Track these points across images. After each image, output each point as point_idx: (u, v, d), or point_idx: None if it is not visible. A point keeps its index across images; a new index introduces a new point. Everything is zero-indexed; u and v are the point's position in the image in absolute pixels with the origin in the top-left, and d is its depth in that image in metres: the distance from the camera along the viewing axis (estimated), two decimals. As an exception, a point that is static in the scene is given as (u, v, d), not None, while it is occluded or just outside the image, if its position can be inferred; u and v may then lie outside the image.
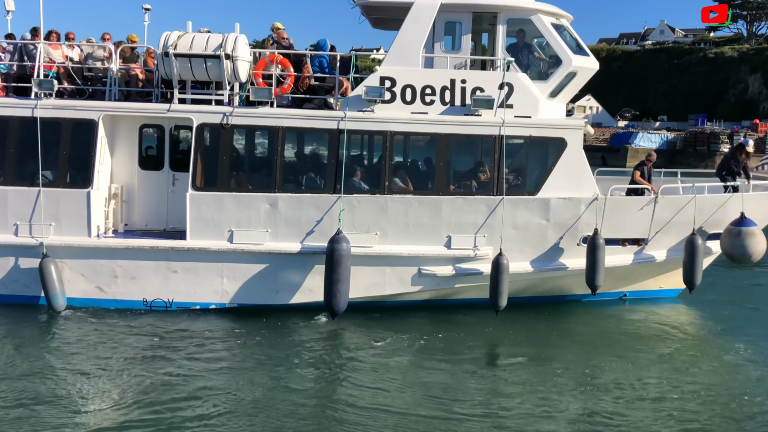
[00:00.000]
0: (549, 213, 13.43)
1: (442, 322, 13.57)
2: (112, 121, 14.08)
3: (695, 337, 13.69)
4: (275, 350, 11.90)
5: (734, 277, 19.18)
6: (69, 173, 13.70)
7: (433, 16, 13.81)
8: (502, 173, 13.34)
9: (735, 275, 19.45)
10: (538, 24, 14.49)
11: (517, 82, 13.69)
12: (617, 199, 13.70)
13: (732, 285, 18.30)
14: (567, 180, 13.40)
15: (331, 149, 13.43)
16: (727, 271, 19.53)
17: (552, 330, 13.43)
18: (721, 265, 19.43)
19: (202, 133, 13.57)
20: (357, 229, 13.33)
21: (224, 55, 13.26)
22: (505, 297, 13.16)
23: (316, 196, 13.36)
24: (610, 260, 13.65)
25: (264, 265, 13.50)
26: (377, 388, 10.49)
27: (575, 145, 13.49)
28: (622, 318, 14.73)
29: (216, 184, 13.46)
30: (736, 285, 18.34)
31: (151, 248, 13.46)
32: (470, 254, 13.42)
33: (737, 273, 19.74)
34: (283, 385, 10.50)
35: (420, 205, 13.32)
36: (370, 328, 13.16)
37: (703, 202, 13.93)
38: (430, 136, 13.57)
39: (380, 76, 13.61)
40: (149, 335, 12.44)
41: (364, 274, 13.44)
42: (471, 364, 11.62)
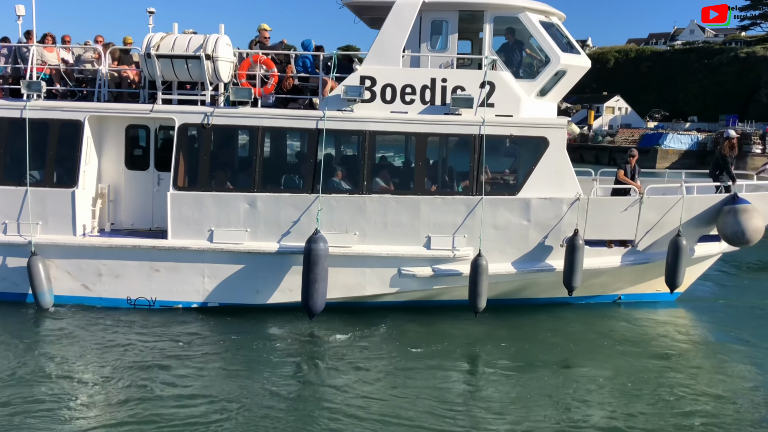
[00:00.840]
0: (530, 213, 13.02)
1: (424, 324, 13.27)
2: (99, 122, 14.13)
3: (690, 342, 13.11)
4: (253, 351, 11.74)
5: (736, 279, 18.48)
6: (56, 173, 13.80)
7: (414, 16, 13.54)
8: (482, 173, 12.98)
9: (736, 277, 18.73)
10: (525, 22, 14.11)
11: (498, 80, 13.33)
12: (601, 200, 13.22)
13: (733, 287, 17.64)
14: (549, 180, 12.98)
15: (310, 149, 13.26)
16: (728, 274, 18.83)
17: (541, 333, 13.02)
18: (721, 268, 18.77)
19: (184, 134, 13.53)
20: (336, 229, 13.13)
21: (204, 56, 13.22)
22: (484, 298, 12.80)
23: (294, 196, 13.20)
24: (596, 262, 13.17)
25: (244, 265, 13.38)
26: (356, 391, 10.26)
27: (558, 144, 13.06)
28: (614, 321, 14.22)
29: (196, 184, 13.40)
30: (737, 287, 17.66)
31: (134, 247, 13.46)
32: (450, 255, 13.09)
33: (738, 275, 19.01)
34: (260, 386, 10.32)
35: (398, 204, 13.05)
36: (351, 330, 12.91)
37: (692, 202, 13.34)
38: (409, 136, 13.29)
39: (360, 76, 13.39)
40: (129, 334, 12.39)
41: (343, 274, 13.22)
42: (453, 368, 11.29)
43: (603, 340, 12.84)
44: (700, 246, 13.87)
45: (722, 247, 14.14)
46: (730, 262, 19.78)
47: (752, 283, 18.36)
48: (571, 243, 12.94)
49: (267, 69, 13.90)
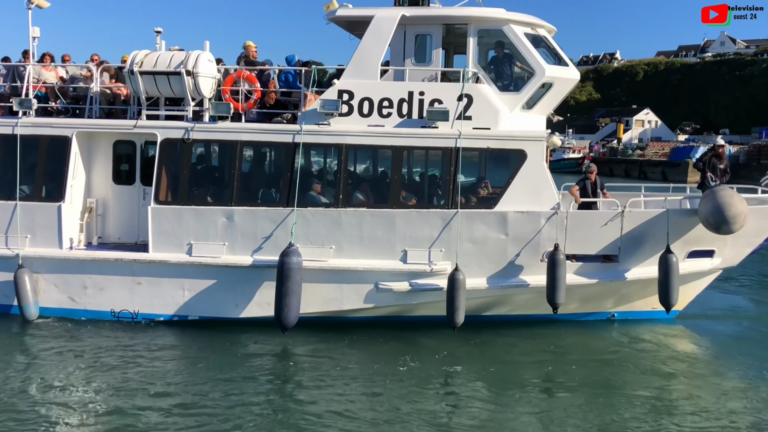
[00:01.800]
0: (507, 227, 12.54)
1: (401, 340, 12.87)
2: (89, 138, 14.21)
3: (685, 361, 12.39)
4: (224, 366, 11.50)
5: (738, 295, 17.55)
6: (44, 187, 13.92)
7: (392, 29, 13.30)
8: (458, 186, 12.58)
9: (739, 294, 17.80)
10: (509, 34, 13.74)
11: (476, 93, 12.96)
12: (580, 213, 12.65)
13: (736, 303, 16.74)
14: (526, 193, 12.49)
15: (287, 163, 13.07)
16: (730, 291, 17.92)
17: (524, 351, 12.50)
18: (722, 284, 17.90)
19: (165, 148, 13.51)
20: (312, 242, 12.88)
21: (185, 72, 13.21)
22: (462, 313, 12.35)
23: (270, 210, 13.00)
24: (572, 278, 12.60)
25: (222, 279, 13.22)
26: (325, 408, 9.97)
27: (536, 157, 12.58)
28: (603, 339, 13.59)
29: (176, 198, 13.34)
30: (740, 303, 16.75)
31: (116, 260, 13.44)
32: (427, 269, 12.69)
33: (740, 291, 18.07)
34: (232, 401, 10.13)
35: (374, 218, 12.73)
36: (326, 345, 12.62)
37: (677, 216, 12.67)
38: (385, 149, 13.00)
39: (338, 90, 13.18)
40: (108, 346, 12.32)
41: (320, 288, 12.94)
42: (429, 385, 10.89)
43: (588, 359, 12.25)
44: (690, 261, 13.14)
45: (716, 262, 13.38)
46: (732, 279, 18.88)
47: (756, 299, 17.41)
48: (552, 258, 12.40)
49: (250, 84, 13.84)
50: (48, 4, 15.27)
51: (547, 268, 12.37)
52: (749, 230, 13.00)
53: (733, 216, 12.01)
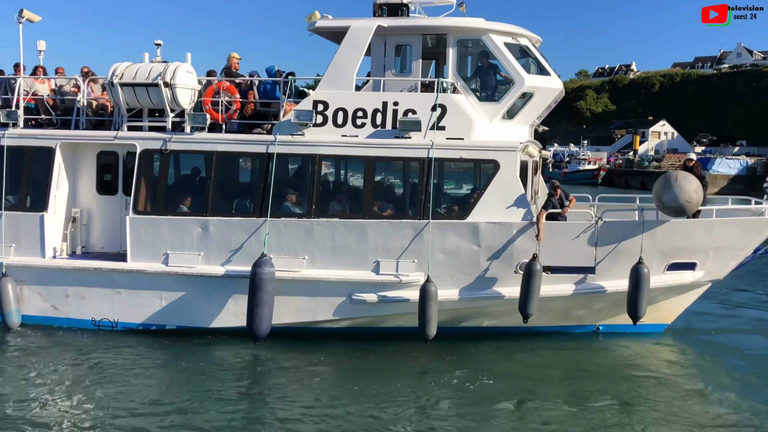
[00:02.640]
0: (479, 238, 12.11)
1: (373, 351, 12.50)
2: (74, 149, 14.16)
3: (658, 376, 11.80)
4: (195, 375, 11.32)
5: (730, 309, 16.81)
6: (29, 197, 13.88)
7: (367, 40, 13.04)
8: (429, 196, 12.21)
9: (730, 307, 17.05)
10: (489, 44, 13.40)
11: (450, 103, 12.61)
12: (554, 224, 12.17)
13: (727, 317, 16.02)
14: (499, 204, 12.06)
15: (261, 173, 12.85)
16: (721, 304, 17.19)
17: (500, 363, 12.03)
18: (715, 297, 17.20)
19: (144, 159, 13.38)
20: (285, 253, 12.60)
21: (163, 83, 13.10)
22: (434, 325, 11.93)
23: (244, 220, 12.77)
24: (550, 290, 12.11)
25: (198, 289, 13.00)
26: (294, 418, 9.72)
27: (509, 167, 12.15)
28: (583, 352, 13.03)
29: (153, 208, 13.20)
30: (731, 317, 16.03)
31: (95, 270, 13.32)
32: (399, 280, 12.31)
33: (732, 304, 17.31)
34: (200, 413, 9.91)
35: (346, 228, 12.41)
36: (297, 355, 12.31)
37: (654, 227, 12.11)
38: (358, 159, 12.70)
39: (314, 100, 12.94)
40: (83, 355, 12.20)
41: (294, 298, 12.65)
42: (401, 396, 10.55)
43: (567, 373, 11.69)
44: (670, 274, 12.55)
45: (698, 275, 12.76)
46: (723, 293, 18.15)
47: (747, 313, 16.65)
48: (528, 268, 11.91)
49: (230, 95, 13.68)
50: (39, 18, 15.30)
51: (522, 277, 11.89)
52: (733, 243, 12.41)
53: (686, 196, 11.52)
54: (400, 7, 13.88)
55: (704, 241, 12.24)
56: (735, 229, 12.23)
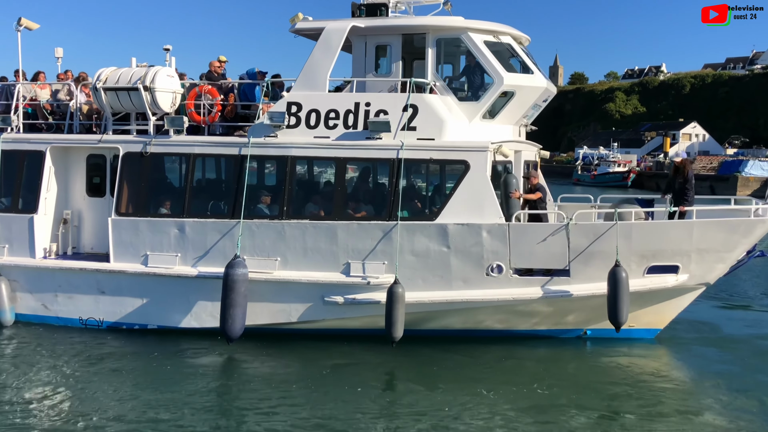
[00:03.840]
0: (448, 240, 11.48)
1: (344, 354, 12.00)
2: (65, 153, 14.14)
3: (644, 384, 10.88)
4: (166, 376, 11.01)
5: (726, 313, 15.68)
6: (21, 200, 13.93)
7: (341, 41, 12.57)
8: (398, 197, 11.64)
9: (727, 311, 15.91)
10: (467, 42, 12.78)
11: (422, 103, 12.03)
12: (524, 226, 11.44)
13: (723, 323, 14.92)
14: (469, 205, 11.41)
15: (235, 175, 12.52)
16: (718, 308, 16.08)
17: (472, 368, 11.34)
18: (712, 302, 16.13)
19: (126, 162, 13.24)
20: (258, 254, 12.23)
21: (143, 87, 12.94)
22: (401, 327, 11.33)
23: (218, 222, 12.45)
24: (518, 293, 11.40)
25: (176, 289, 12.73)
26: (262, 419, 9.33)
27: (479, 168, 11.48)
28: (564, 357, 12.21)
29: (133, 210, 13.03)
30: (727, 324, 14.90)
31: (80, 270, 13.23)
32: (369, 282, 11.78)
33: (730, 309, 16.15)
34: (170, 413, 9.58)
35: (316, 230, 11.96)
36: (268, 357, 11.92)
37: (630, 229, 11.25)
38: (329, 161, 12.24)
39: (287, 102, 12.55)
40: (67, 354, 12.06)
41: (267, 299, 12.26)
42: (368, 400, 10.03)
43: (549, 379, 10.82)
44: (651, 278, 11.65)
45: (682, 279, 11.82)
46: (719, 296, 17.01)
47: (743, 316, 15.50)
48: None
49: (212, 98, 13.43)
50: (37, 26, 15.35)
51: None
52: (717, 245, 11.45)
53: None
54: (379, 7, 13.39)
55: (685, 243, 11.32)
56: (717, 230, 11.27)
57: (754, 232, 11.40)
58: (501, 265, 11.38)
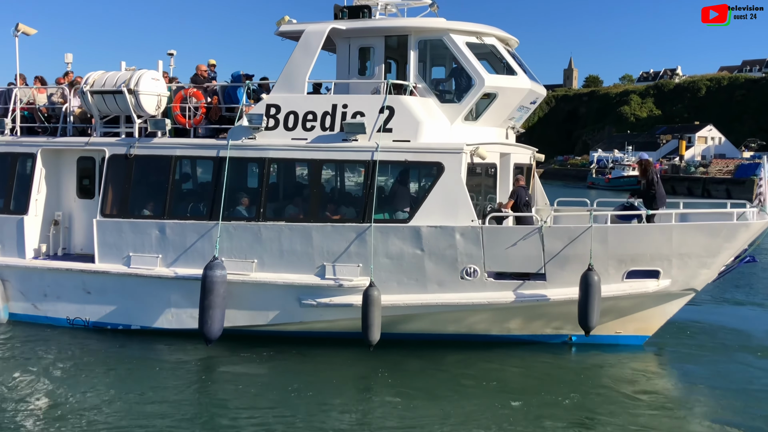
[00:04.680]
0: (422, 242, 11.05)
1: (317, 357, 11.65)
2: (56, 155, 14.06)
3: (628, 393, 10.30)
4: (142, 375, 10.86)
5: (720, 321, 14.92)
6: (13, 201, 13.88)
7: (319, 43, 12.25)
8: (373, 199, 11.26)
9: (720, 318, 15.16)
10: (449, 44, 12.37)
11: (398, 105, 11.63)
12: (497, 228, 10.95)
13: (717, 331, 14.18)
14: (443, 207, 10.97)
15: (215, 177, 12.27)
16: (713, 314, 15.33)
17: (445, 373, 10.90)
18: (700, 308, 15.41)
19: (111, 164, 13.10)
20: (235, 256, 11.95)
21: (126, 90, 12.78)
22: (377, 330, 10.94)
23: (197, 223, 12.21)
24: (493, 296, 10.92)
25: (157, 290, 12.53)
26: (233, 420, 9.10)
27: (453, 170, 11.03)
28: (545, 363, 11.67)
29: (117, 211, 12.86)
30: (721, 332, 14.17)
31: (67, 270, 13.12)
32: (344, 285, 11.41)
33: (723, 316, 15.39)
34: (146, 410, 9.47)
35: (291, 232, 11.63)
36: (244, 358, 11.62)
37: (605, 232, 10.70)
38: (305, 162, 11.91)
39: (267, 104, 12.26)
40: (51, 353, 11.95)
41: (245, 301, 11.97)
42: (340, 405, 9.73)
43: (528, 387, 10.32)
44: (630, 282, 11.07)
45: (664, 284, 11.21)
46: (713, 301, 16.27)
47: (736, 322, 14.73)
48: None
49: (197, 101, 13.23)
50: (34, 31, 15.31)
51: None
52: (698, 250, 10.83)
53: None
54: (362, 10, 13.04)
55: (664, 247, 10.73)
56: (698, 234, 10.66)
57: (738, 236, 10.76)
58: (476, 268, 10.93)
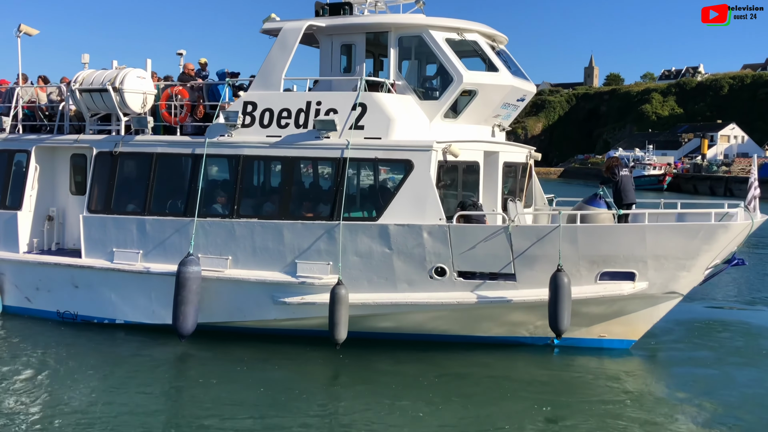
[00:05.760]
0: (390, 240, 10.53)
1: (286, 355, 11.26)
2: (51, 152, 13.98)
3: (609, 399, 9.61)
4: (114, 369, 10.65)
5: (702, 326, 13.98)
6: (9, 197, 13.88)
7: (296, 41, 11.82)
8: (342, 197, 10.79)
9: (709, 322, 14.22)
10: (428, 40, 11.81)
11: (371, 102, 11.12)
12: (463, 227, 10.35)
13: (710, 336, 13.28)
14: (411, 205, 10.43)
15: (192, 174, 11.98)
16: (701, 318, 14.40)
17: (416, 376, 10.33)
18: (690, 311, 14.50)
19: (98, 161, 12.94)
20: (211, 252, 11.64)
21: (111, 88, 12.59)
22: (344, 329, 10.47)
23: (175, 220, 11.94)
24: (462, 296, 10.34)
25: (139, 285, 12.30)
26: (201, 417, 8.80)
27: (422, 168, 10.48)
28: (519, 367, 10.97)
29: (102, 208, 12.69)
30: (713, 337, 13.27)
31: (55, 264, 13.02)
32: (314, 282, 10.97)
33: (711, 321, 14.43)
34: (112, 401, 9.27)
35: (264, 229, 11.25)
36: (219, 356, 11.27)
37: (575, 232, 10.01)
38: (278, 160, 11.51)
39: (244, 101, 11.90)
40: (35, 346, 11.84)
41: (221, 298, 11.66)
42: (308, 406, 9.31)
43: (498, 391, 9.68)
44: (604, 284, 10.35)
45: (641, 286, 10.45)
46: (705, 305, 15.30)
47: (728, 325, 13.78)
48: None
49: (182, 99, 12.97)
50: (37, 32, 15.25)
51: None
52: (675, 251, 10.05)
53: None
54: (342, 7, 12.57)
55: (638, 248, 9.97)
56: (673, 236, 9.87)
57: (717, 238, 9.94)
58: (444, 267, 10.37)
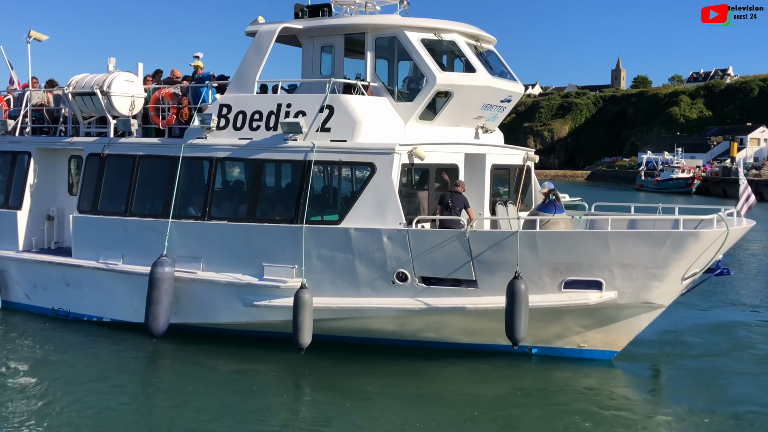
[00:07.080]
0: (351, 245, 9.98)
1: (262, 356, 10.85)
2: (50, 154, 13.98)
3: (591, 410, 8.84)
4: (84, 366, 10.44)
5: (696, 335, 12.85)
6: (10, 197, 13.94)
7: (270, 43, 11.38)
8: (306, 200, 10.29)
9: (698, 333, 13.06)
10: (403, 41, 11.21)
11: (338, 104, 10.57)
12: (422, 232, 9.67)
13: (691, 346, 12.19)
14: (373, 209, 9.83)
15: (170, 176, 11.71)
16: (687, 330, 13.24)
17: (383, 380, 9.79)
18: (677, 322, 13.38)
19: (88, 162, 12.84)
20: (186, 254, 11.33)
21: (99, 92, 12.46)
22: (308, 333, 9.96)
23: (153, 221, 11.68)
24: (424, 302, 9.69)
25: (122, 285, 12.09)
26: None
27: (385, 171, 9.85)
28: (491, 377, 10.17)
29: (90, 208, 12.55)
30: (695, 345, 12.17)
31: (49, 263, 12.99)
32: (280, 286, 10.50)
33: (699, 330, 13.26)
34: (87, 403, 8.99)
35: (233, 232, 10.86)
36: (196, 356, 10.94)
37: (534, 238, 9.21)
38: (246, 162, 11.12)
39: (220, 104, 11.55)
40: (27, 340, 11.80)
41: (195, 299, 11.34)
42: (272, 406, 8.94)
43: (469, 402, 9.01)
44: (568, 293, 9.52)
45: (609, 296, 9.55)
46: (694, 315, 14.11)
47: (712, 340, 12.60)
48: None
49: (168, 102, 12.74)
50: (46, 37, 15.27)
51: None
52: (643, 260, 9.14)
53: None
54: (321, 9, 12.10)
55: (601, 256, 9.11)
56: (638, 243, 8.96)
57: (687, 247, 8.98)
58: (406, 272, 9.76)
